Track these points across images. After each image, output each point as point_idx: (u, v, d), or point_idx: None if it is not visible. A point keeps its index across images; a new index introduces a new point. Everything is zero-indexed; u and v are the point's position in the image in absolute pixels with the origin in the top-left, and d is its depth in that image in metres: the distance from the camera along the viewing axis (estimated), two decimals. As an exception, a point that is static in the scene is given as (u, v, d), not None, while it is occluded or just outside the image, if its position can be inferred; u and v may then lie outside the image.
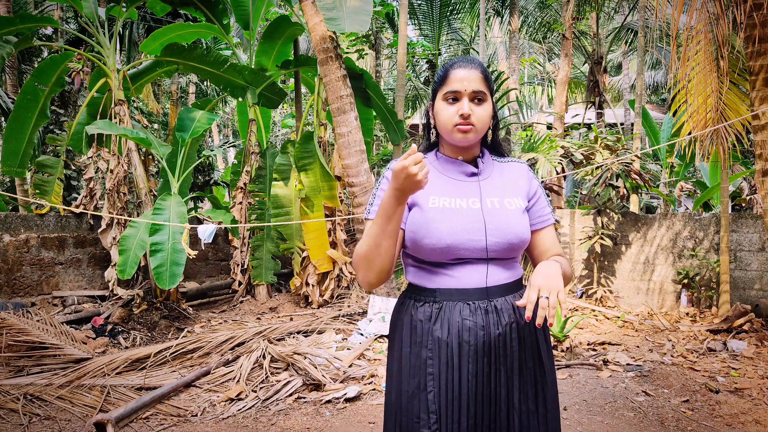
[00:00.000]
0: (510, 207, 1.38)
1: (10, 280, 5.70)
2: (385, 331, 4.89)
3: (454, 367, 1.31)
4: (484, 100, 1.37)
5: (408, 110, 13.58)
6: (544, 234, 1.45)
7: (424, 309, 1.37)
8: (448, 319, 1.33)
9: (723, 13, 3.80)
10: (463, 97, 1.35)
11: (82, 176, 7.47)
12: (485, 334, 1.32)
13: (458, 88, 1.35)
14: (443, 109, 1.38)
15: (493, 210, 1.36)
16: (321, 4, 5.62)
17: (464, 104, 1.34)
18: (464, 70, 1.37)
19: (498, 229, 1.33)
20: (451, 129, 1.36)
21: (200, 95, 16.72)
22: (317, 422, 3.21)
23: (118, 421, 3.03)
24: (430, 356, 1.33)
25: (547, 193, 1.58)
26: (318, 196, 6.27)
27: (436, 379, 1.32)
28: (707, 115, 4.28)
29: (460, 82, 1.35)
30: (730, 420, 3.25)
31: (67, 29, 6.96)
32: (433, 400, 1.31)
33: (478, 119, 1.36)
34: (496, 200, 1.38)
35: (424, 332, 1.35)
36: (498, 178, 1.44)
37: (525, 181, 1.45)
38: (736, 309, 5.27)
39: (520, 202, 1.40)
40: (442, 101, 1.39)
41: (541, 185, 1.49)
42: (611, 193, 6.48)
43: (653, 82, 16.13)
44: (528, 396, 1.35)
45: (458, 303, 1.34)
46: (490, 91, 1.40)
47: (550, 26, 12.71)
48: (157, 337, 5.11)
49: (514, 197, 1.40)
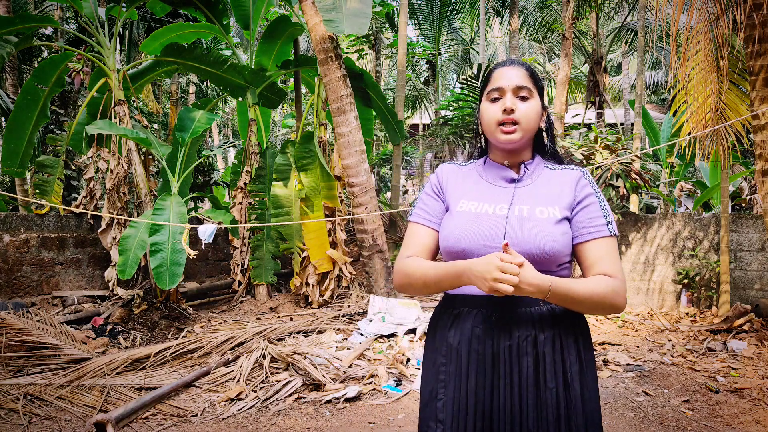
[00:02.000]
0: (540, 216, 1.28)
1: (10, 280, 5.70)
2: (385, 331, 4.89)
3: (462, 376, 1.29)
4: (529, 96, 1.32)
5: (408, 110, 13.58)
6: (589, 246, 1.28)
7: (445, 316, 1.37)
8: (461, 326, 1.31)
9: (723, 13, 3.80)
10: (506, 93, 1.32)
11: (82, 176, 7.47)
12: (493, 344, 1.26)
13: (501, 84, 1.32)
14: (487, 108, 1.34)
15: (519, 218, 1.28)
16: (320, 5, 5.62)
17: (507, 99, 1.31)
18: (507, 68, 1.35)
19: (516, 237, 1.25)
20: (495, 128, 1.32)
21: (200, 95, 16.71)
22: (317, 422, 3.21)
23: (118, 421, 3.03)
24: (443, 362, 1.33)
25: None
26: (318, 196, 6.27)
27: (446, 387, 1.31)
28: (707, 115, 4.28)
29: (503, 78, 1.33)
30: (730, 420, 3.25)
31: (67, 29, 6.96)
32: (441, 409, 1.30)
33: (522, 115, 1.30)
34: (526, 208, 1.30)
35: (441, 339, 1.35)
36: (541, 187, 1.34)
37: (571, 190, 1.33)
38: (736, 309, 5.27)
39: (555, 212, 1.29)
40: (486, 102, 1.35)
41: (598, 194, 1.34)
42: (611, 193, 6.48)
43: (653, 82, 16.13)
44: (548, 419, 1.22)
45: (473, 310, 1.31)
46: (537, 90, 1.35)
47: (550, 26, 12.72)
48: (157, 337, 5.11)
49: (550, 206, 1.30)
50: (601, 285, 1.22)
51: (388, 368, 4.05)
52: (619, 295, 1.23)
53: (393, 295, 5.86)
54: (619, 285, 1.24)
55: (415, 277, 1.32)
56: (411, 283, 1.33)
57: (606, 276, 1.25)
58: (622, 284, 1.25)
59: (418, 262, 1.33)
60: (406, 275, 1.34)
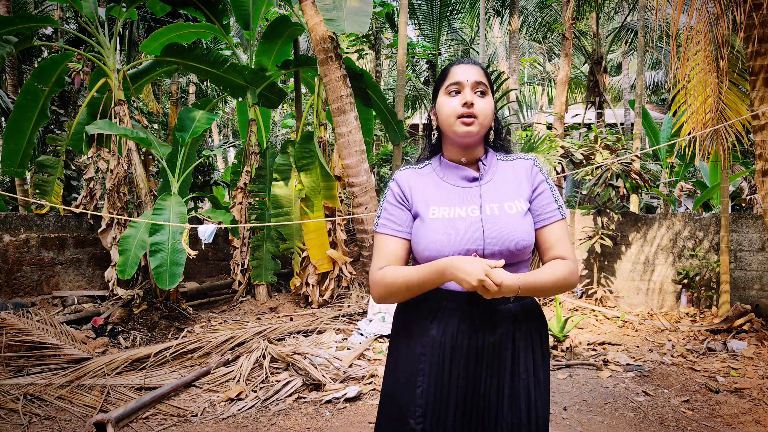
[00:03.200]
0: (510, 212, 1.35)
1: (10, 280, 5.70)
2: (385, 331, 4.89)
3: (444, 367, 1.33)
4: (486, 93, 1.37)
5: (408, 110, 13.58)
6: (547, 231, 1.39)
7: (424, 308, 1.38)
8: (445, 320, 1.34)
9: (723, 13, 3.80)
10: (465, 87, 1.36)
11: (82, 176, 7.47)
12: (479, 339, 1.32)
13: (460, 78, 1.36)
14: (446, 102, 1.38)
15: (493, 217, 1.34)
16: (321, 5, 5.62)
17: (467, 93, 1.35)
18: (464, 66, 1.40)
19: (496, 237, 1.32)
20: (454, 121, 1.35)
21: (200, 95, 16.71)
22: (317, 422, 3.21)
23: (118, 421, 3.03)
24: (423, 353, 1.35)
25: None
26: (318, 196, 6.27)
27: (426, 375, 1.34)
28: (707, 116, 4.28)
29: (462, 74, 1.37)
30: (730, 420, 3.25)
31: (67, 29, 6.95)
32: (420, 395, 1.33)
33: (480, 110, 1.35)
34: (496, 206, 1.36)
35: (420, 330, 1.37)
36: (501, 180, 1.42)
37: (527, 179, 1.42)
38: (736, 309, 5.27)
39: (521, 205, 1.37)
40: (444, 96, 1.39)
41: (548, 180, 1.44)
42: (611, 193, 6.48)
43: (653, 82, 16.13)
44: (520, 408, 1.33)
45: (456, 305, 1.34)
46: (491, 88, 1.40)
47: (550, 26, 12.72)
48: (157, 337, 5.11)
49: (515, 200, 1.38)
50: (559, 269, 1.33)
51: (388, 368, 4.05)
52: (573, 275, 1.35)
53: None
54: (573, 266, 1.36)
55: (396, 285, 1.33)
56: (393, 293, 1.35)
57: (562, 259, 1.36)
58: (575, 264, 1.38)
59: (396, 270, 1.35)
60: (386, 286, 1.35)
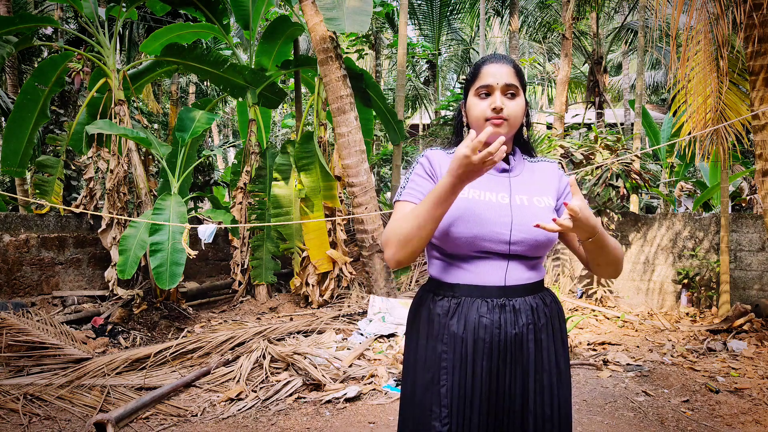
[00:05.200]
0: (539, 205, 1.37)
1: (10, 280, 5.70)
2: (385, 331, 4.89)
3: (468, 363, 1.31)
4: (516, 94, 1.37)
5: (408, 110, 13.58)
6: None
7: (443, 303, 1.36)
8: (465, 315, 1.33)
9: (723, 13, 3.81)
10: (495, 91, 1.35)
11: (82, 176, 7.47)
12: (501, 332, 1.31)
13: (490, 82, 1.35)
14: (475, 104, 1.37)
15: (522, 207, 1.35)
16: (321, 4, 5.62)
17: (497, 97, 1.34)
18: (496, 65, 1.37)
19: (524, 224, 1.33)
20: (483, 123, 1.35)
21: (200, 95, 16.71)
22: (317, 422, 3.21)
23: (118, 421, 3.03)
24: (444, 350, 1.33)
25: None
26: (318, 196, 6.27)
27: (450, 373, 1.32)
28: (707, 116, 4.28)
29: (492, 76, 1.36)
30: (730, 420, 3.25)
31: (67, 29, 6.95)
32: (445, 394, 1.31)
33: (510, 113, 1.35)
34: (525, 197, 1.38)
35: (440, 326, 1.35)
36: (528, 177, 1.43)
37: (555, 180, 1.45)
38: (736, 309, 5.27)
39: (549, 201, 1.40)
40: (474, 97, 1.38)
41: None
42: (611, 193, 6.48)
43: (653, 82, 16.12)
44: (544, 401, 1.33)
45: (476, 300, 1.33)
46: (522, 86, 1.39)
47: (550, 26, 12.71)
48: (157, 337, 5.11)
49: (544, 196, 1.40)
50: (618, 245, 1.37)
51: (388, 368, 4.05)
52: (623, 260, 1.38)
53: (393, 295, 5.86)
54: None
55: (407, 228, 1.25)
56: (406, 237, 1.25)
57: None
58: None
59: (402, 219, 1.27)
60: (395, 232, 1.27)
